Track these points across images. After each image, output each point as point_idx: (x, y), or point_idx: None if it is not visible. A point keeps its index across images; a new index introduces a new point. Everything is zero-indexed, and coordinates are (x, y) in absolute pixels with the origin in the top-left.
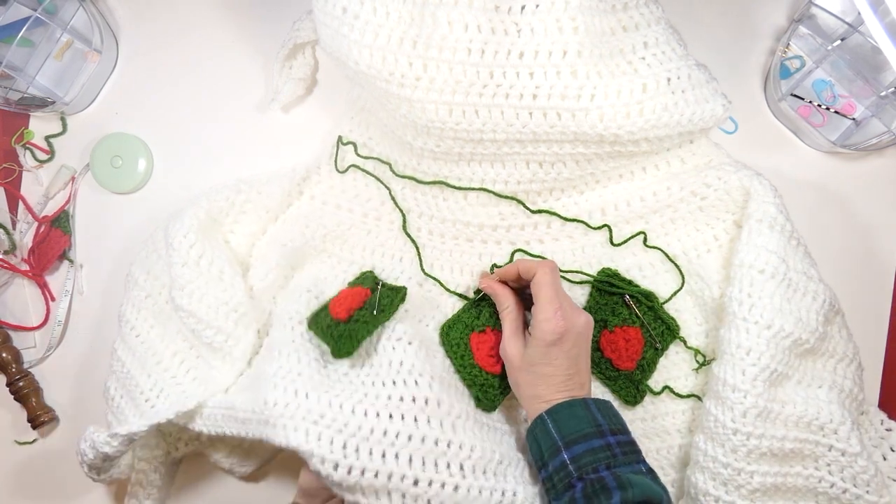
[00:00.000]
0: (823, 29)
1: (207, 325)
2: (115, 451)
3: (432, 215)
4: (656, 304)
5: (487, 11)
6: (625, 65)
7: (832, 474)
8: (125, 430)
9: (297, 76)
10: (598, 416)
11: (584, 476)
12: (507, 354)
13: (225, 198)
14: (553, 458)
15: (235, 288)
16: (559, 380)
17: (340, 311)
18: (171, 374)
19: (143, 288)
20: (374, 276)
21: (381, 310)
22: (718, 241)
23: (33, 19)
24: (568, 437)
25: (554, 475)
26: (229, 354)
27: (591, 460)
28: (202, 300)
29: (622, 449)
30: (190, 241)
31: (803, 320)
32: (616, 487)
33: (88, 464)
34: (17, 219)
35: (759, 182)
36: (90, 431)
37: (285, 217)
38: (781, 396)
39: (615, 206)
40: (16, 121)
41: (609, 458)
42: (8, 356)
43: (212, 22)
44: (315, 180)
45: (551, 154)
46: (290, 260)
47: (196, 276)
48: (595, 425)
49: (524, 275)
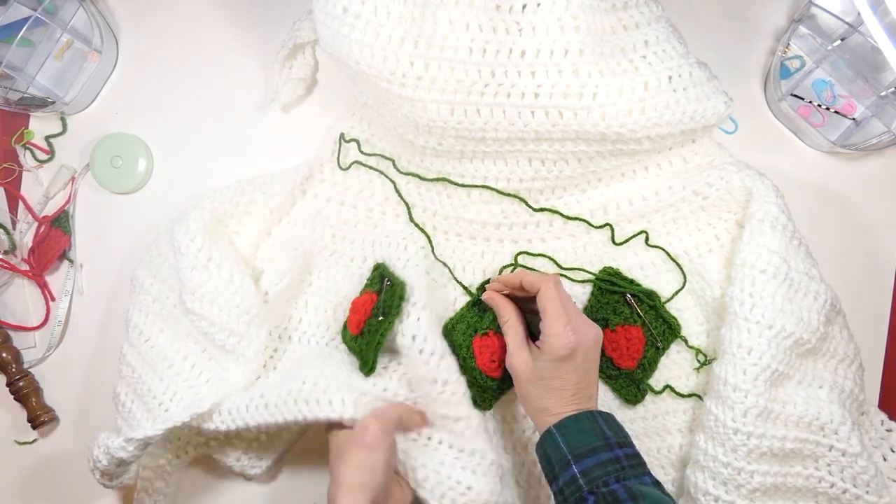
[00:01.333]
0: (823, 29)
1: (220, 328)
2: (131, 455)
3: (436, 211)
4: (658, 303)
5: (488, 10)
6: (626, 63)
7: (832, 474)
8: (141, 435)
9: (297, 76)
10: (605, 429)
11: (595, 489)
12: (514, 368)
13: (229, 199)
14: (563, 471)
15: (246, 289)
16: (569, 393)
17: (353, 326)
18: (184, 378)
19: (149, 292)
20: (383, 272)
21: (385, 312)
22: (720, 240)
23: (33, 19)
24: (577, 451)
25: (565, 489)
26: (242, 356)
27: (601, 473)
28: (213, 303)
29: (629, 462)
30: (198, 245)
31: (804, 320)
32: (628, 499)
33: (102, 470)
34: (17, 219)
35: (762, 182)
36: (103, 438)
37: (290, 218)
38: (782, 396)
39: (617, 205)
40: (16, 121)
41: (618, 471)
42: (8, 356)
43: (212, 22)
44: (318, 178)
45: (553, 152)
46: (302, 263)
47: (206, 279)
48: (603, 438)
49: (528, 289)
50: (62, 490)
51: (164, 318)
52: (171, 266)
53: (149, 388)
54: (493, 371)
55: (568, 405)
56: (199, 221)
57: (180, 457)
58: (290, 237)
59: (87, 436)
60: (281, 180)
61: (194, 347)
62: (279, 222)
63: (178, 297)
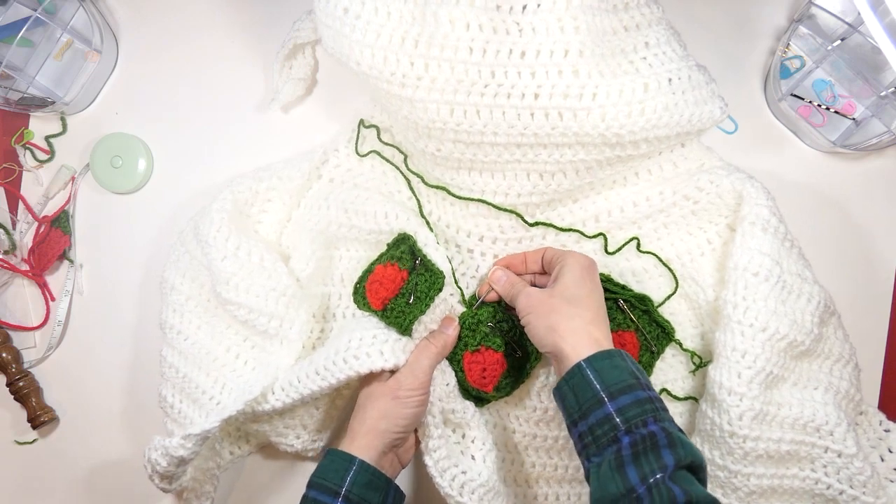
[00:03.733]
0: (823, 29)
1: (260, 314)
2: (191, 453)
3: (439, 216)
4: (651, 308)
5: (489, 11)
6: (626, 64)
7: (828, 476)
8: (198, 430)
9: (297, 76)
10: (634, 369)
11: (633, 430)
12: (531, 298)
13: (248, 188)
14: (594, 409)
15: (279, 272)
16: (592, 316)
17: (376, 300)
18: (231, 369)
19: (181, 292)
20: (413, 247)
21: (417, 297)
22: (712, 244)
23: (33, 19)
24: (613, 388)
25: (596, 428)
26: (286, 338)
27: (639, 412)
28: (249, 290)
29: (660, 404)
30: (224, 235)
31: (798, 322)
32: (667, 446)
33: (161, 473)
34: (17, 219)
35: (752, 185)
36: (158, 440)
37: (306, 201)
38: (777, 399)
39: (609, 213)
40: (16, 121)
41: (655, 411)
42: (8, 356)
43: (212, 22)
44: (334, 163)
45: (552, 162)
46: (323, 243)
47: (238, 267)
48: (634, 377)
49: (548, 266)
50: (62, 490)
51: (200, 315)
52: (200, 262)
53: (196, 384)
54: (484, 385)
55: (586, 339)
56: (222, 213)
57: (234, 452)
58: (307, 220)
59: (87, 436)
60: (297, 164)
61: (235, 338)
62: (298, 206)
63: (212, 291)
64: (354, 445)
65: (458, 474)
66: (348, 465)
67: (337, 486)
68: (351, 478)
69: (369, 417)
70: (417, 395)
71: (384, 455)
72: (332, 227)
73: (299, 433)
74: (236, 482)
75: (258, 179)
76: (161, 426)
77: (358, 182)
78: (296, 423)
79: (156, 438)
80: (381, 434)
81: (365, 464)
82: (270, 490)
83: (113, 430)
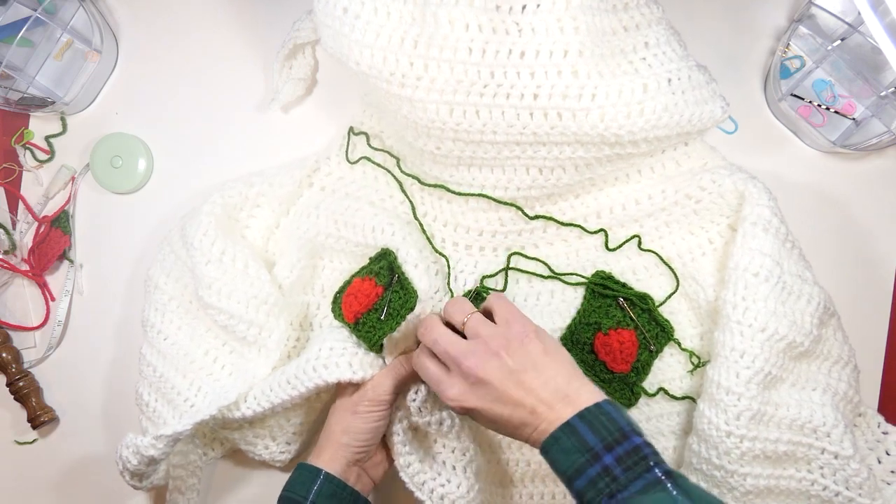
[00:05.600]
0: (823, 29)
1: (240, 320)
2: (161, 453)
3: (435, 216)
4: (651, 306)
5: (488, 11)
6: (626, 65)
7: (825, 477)
8: (170, 431)
9: (297, 76)
10: (587, 438)
11: None
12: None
13: (238, 192)
14: (570, 488)
15: (262, 280)
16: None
17: (348, 313)
18: (207, 372)
19: (164, 291)
20: (392, 264)
21: (389, 314)
22: (713, 244)
23: (33, 19)
24: (568, 474)
25: None
26: (264, 346)
27: (593, 495)
28: (231, 296)
29: (623, 465)
30: (210, 239)
31: (797, 323)
32: None
33: (132, 470)
34: (17, 219)
35: (754, 185)
36: (131, 437)
37: (296, 209)
38: (775, 399)
39: (610, 210)
40: (16, 121)
41: (610, 484)
42: (8, 356)
43: (212, 22)
44: (325, 171)
45: (551, 158)
46: (309, 252)
47: (221, 273)
48: (586, 450)
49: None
50: (62, 490)
51: (181, 316)
52: (185, 263)
53: (172, 385)
54: None
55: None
56: (209, 216)
57: (208, 454)
58: (296, 227)
59: (87, 436)
60: (289, 171)
61: (214, 342)
62: (287, 214)
63: (195, 293)
64: (321, 459)
65: (436, 487)
66: (314, 477)
67: (303, 497)
68: (316, 489)
69: (333, 432)
70: (377, 412)
71: (349, 468)
72: (321, 237)
73: (268, 444)
74: (226, 481)
75: (249, 184)
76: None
77: (349, 191)
78: (265, 433)
79: (129, 436)
80: (343, 447)
81: (330, 475)
82: (268, 488)
83: (113, 430)
